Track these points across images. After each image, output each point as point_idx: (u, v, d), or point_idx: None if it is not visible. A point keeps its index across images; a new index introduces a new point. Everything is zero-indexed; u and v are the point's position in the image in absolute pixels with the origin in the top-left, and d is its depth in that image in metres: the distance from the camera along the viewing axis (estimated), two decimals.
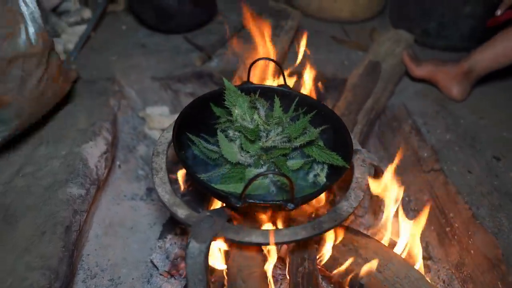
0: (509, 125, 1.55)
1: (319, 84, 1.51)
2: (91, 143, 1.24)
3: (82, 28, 1.92)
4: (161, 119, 1.64)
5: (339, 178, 1.01)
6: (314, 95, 1.50)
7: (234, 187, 0.97)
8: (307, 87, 1.46)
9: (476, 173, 1.31)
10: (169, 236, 1.24)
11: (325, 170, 1.11)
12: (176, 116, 1.67)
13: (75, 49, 1.80)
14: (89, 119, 1.34)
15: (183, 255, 1.19)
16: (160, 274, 1.18)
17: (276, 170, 1.02)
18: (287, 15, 1.87)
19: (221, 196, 0.95)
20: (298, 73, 1.60)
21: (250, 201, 0.91)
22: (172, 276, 1.17)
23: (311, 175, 1.11)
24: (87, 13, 2.04)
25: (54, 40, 1.80)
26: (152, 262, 1.20)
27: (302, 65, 1.53)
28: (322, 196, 1.20)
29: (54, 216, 1.03)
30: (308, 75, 1.47)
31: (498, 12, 1.39)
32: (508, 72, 1.65)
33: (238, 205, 0.90)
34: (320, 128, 1.09)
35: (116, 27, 2.03)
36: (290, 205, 0.92)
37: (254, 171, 1.02)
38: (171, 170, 1.40)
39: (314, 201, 1.16)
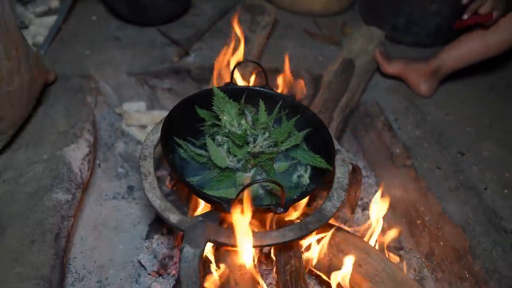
0: (472, 121, 1.66)
1: (301, 83, 1.55)
2: (73, 146, 1.23)
3: (50, 19, 1.85)
4: (138, 115, 1.63)
5: (324, 181, 1.07)
6: (294, 94, 1.54)
7: (225, 192, 1.00)
8: (286, 85, 1.50)
9: (444, 169, 1.41)
10: (155, 236, 1.26)
11: (309, 171, 1.16)
12: (153, 112, 1.68)
13: (45, 42, 1.74)
14: (68, 120, 1.32)
15: (172, 255, 1.21)
16: (149, 274, 1.20)
17: (265, 175, 1.06)
18: (262, 10, 1.88)
19: (213, 202, 0.98)
20: (277, 70, 1.64)
21: (242, 206, 0.95)
22: (160, 275, 1.19)
23: (294, 176, 1.15)
24: (54, 3, 1.97)
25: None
26: (139, 262, 1.22)
27: (280, 61, 1.56)
28: None
29: (42, 224, 1.02)
30: (287, 74, 1.51)
31: (465, 16, 1.47)
32: (472, 70, 1.75)
33: (230, 211, 0.94)
34: (304, 132, 1.13)
35: (86, 17, 1.97)
36: (280, 209, 0.96)
37: (244, 176, 1.05)
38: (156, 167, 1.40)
39: None
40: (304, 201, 1.23)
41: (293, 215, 1.17)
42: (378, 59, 1.75)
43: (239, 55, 1.47)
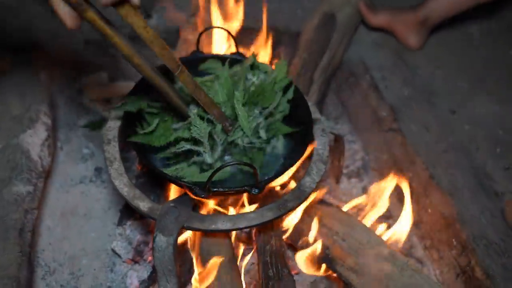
0: (463, 74, 1.71)
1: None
2: (30, 132, 1.26)
3: None
4: (101, 88, 1.65)
5: (301, 156, 1.12)
6: (268, 56, 1.56)
7: (197, 176, 1.05)
8: (260, 48, 1.52)
9: (433, 130, 1.47)
10: (128, 222, 1.31)
11: (281, 141, 1.21)
12: (117, 83, 1.70)
13: None
14: (22, 102, 1.33)
15: (147, 241, 1.28)
16: (124, 262, 1.27)
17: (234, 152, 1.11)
18: None
19: (184, 187, 1.03)
20: (251, 29, 1.64)
21: (215, 189, 1.00)
22: (136, 262, 1.26)
23: (268, 149, 1.21)
24: None
25: None
26: (113, 250, 1.28)
27: (255, 19, 1.57)
28: None
29: (3, 221, 1.07)
30: (261, 35, 1.52)
31: None
32: (466, 15, 1.77)
33: (203, 196, 0.99)
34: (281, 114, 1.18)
35: None
36: (255, 190, 1.02)
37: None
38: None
39: None
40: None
41: None
42: (363, 11, 1.77)
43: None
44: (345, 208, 1.27)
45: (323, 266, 1.18)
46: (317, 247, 1.18)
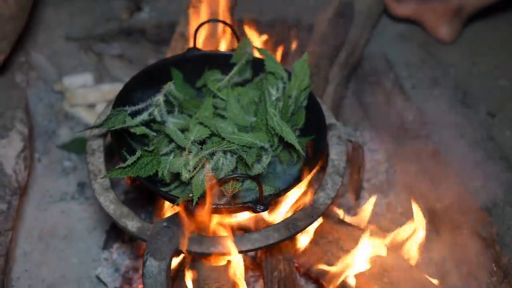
0: (504, 70, 1.72)
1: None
2: (3, 142, 1.29)
3: None
4: (84, 92, 1.68)
5: (313, 170, 1.13)
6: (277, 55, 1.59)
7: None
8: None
9: (469, 137, 1.48)
10: (115, 245, 1.34)
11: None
12: (102, 86, 1.73)
13: None
14: None
15: (136, 267, 1.30)
16: None
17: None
18: None
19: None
20: (256, 22, 1.67)
21: (213, 206, 1.02)
22: None
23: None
24: None
25: None
26: (98, 278, 1.30)
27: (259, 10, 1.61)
28: None
29: None
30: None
31: None
32: (506, 4, 1.79)
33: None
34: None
35: None
36: (260, 207, 1.03)
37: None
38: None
39: None
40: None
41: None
42: None
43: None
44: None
45: None
46: None
